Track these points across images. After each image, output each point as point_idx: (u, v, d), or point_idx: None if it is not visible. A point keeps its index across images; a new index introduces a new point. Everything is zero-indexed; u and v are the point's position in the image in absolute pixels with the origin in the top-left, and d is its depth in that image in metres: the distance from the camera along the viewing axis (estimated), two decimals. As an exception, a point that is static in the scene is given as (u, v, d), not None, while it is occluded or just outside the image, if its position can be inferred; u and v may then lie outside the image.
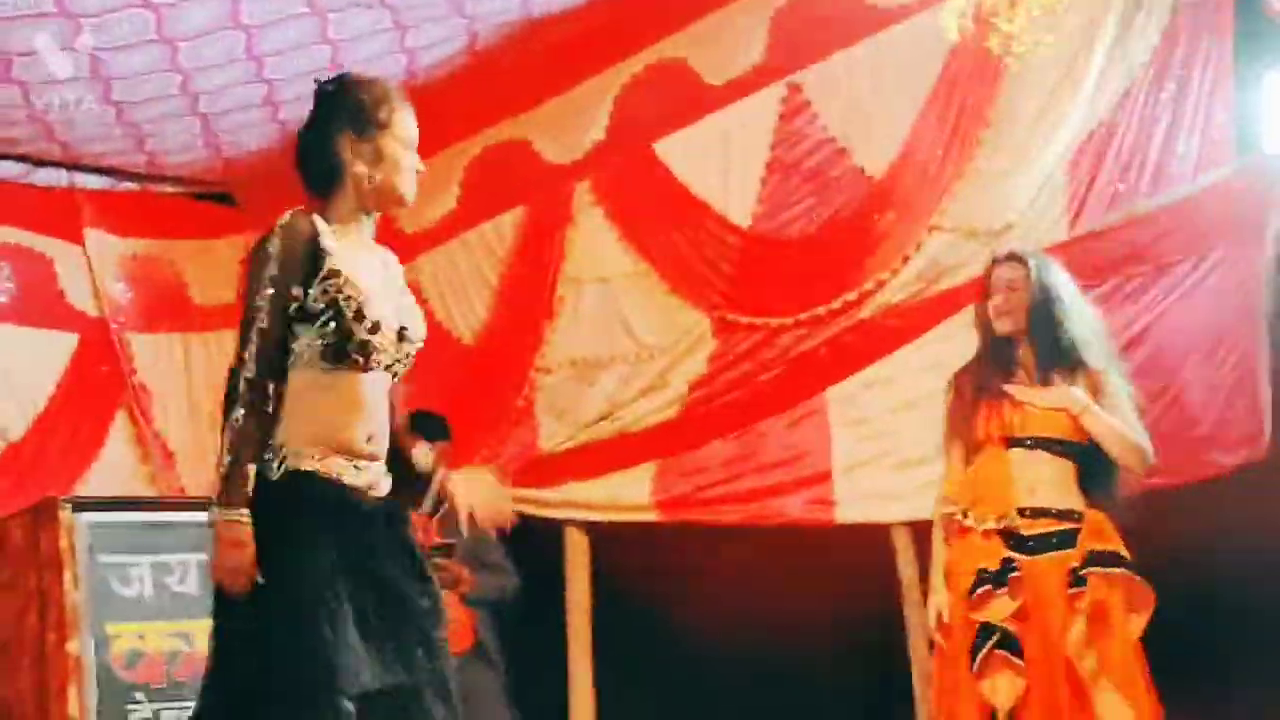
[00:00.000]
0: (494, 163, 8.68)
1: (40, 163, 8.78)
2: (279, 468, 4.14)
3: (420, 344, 4.45)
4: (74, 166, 8.92)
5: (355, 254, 4.30)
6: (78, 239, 9.29)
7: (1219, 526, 6.10)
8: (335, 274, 4.17)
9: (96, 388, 9.25)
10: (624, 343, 8.05)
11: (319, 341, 4.16)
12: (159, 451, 9.33)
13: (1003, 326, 5.84)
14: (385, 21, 7.54)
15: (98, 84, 7.62)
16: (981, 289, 5.93)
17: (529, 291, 8.36)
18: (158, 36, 7.25)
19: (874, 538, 7.07)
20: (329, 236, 4.21)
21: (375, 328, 4.23)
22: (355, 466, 4.24)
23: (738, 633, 7.74)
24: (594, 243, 8.20)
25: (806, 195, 7.42)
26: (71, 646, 7.24)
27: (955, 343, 6.72)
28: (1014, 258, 5.90)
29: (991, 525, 5.63)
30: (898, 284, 7.06)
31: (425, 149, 4.25)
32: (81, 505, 7.53)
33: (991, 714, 5.47)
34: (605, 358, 8.12)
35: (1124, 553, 5.51)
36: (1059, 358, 5.75)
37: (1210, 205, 6.23)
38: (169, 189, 9.44)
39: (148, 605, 7.40)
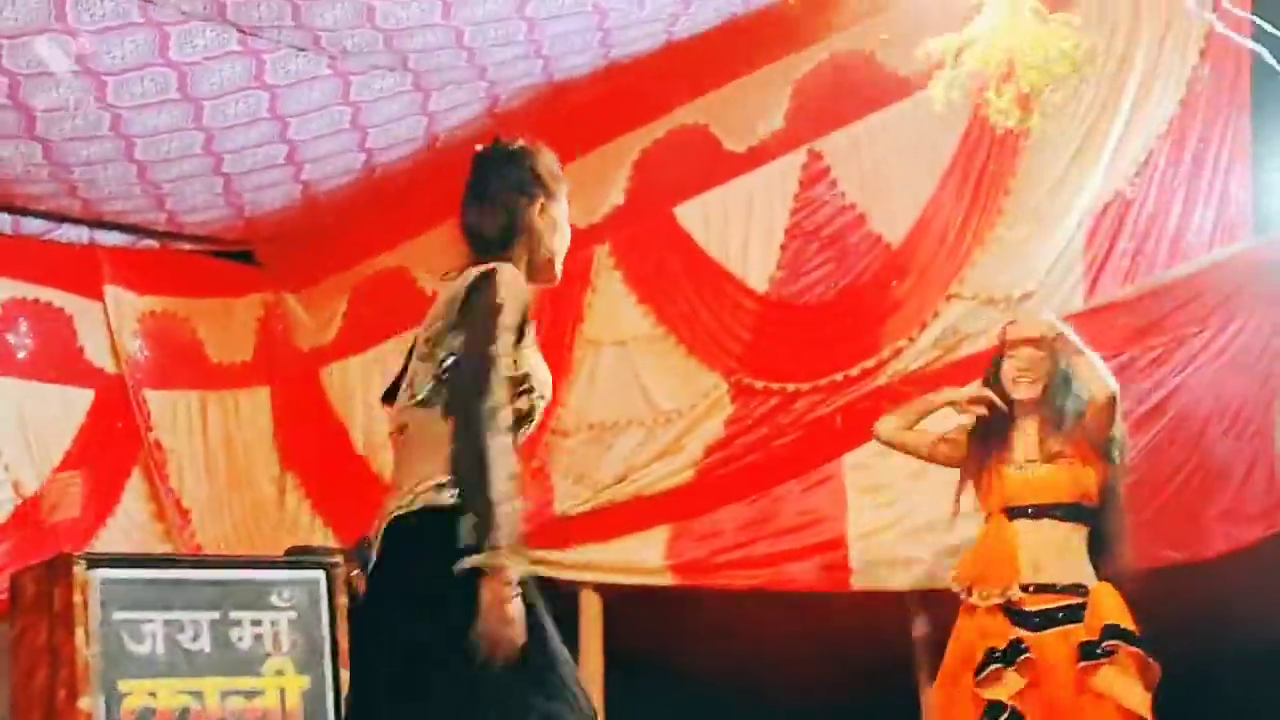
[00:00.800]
0: (514, 225, 8.69)
1: (62, 219, 8.81)
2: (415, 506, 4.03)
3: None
4: (95, 223, 8.95)
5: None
6: (97, 295, 9.33)
7: (1229, 600, 6.10)
8: (532, 343, 4.11)
9: (113, 444, 9.27)
10: (641, 406, 8.06)
11: (509, 407, 4.00)
12: (174, 509, 9.34)
13: (1020, 392, 5.83)
14: (406, 84, 7.57)
15: (120, 141, 7.64)
16: (995, 353, 5.91)
17: (547, 353, 8.30)
18: (180, 95, 7.27)
19: (888, 603, 7.05)
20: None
21: (541, 398, 4.19)
22: None
23: (752, 697, 7.73)
24: (612, 306, 8.23)
25: (825, 261, 7.45)
26: (83, 703, 7.23)
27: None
28: (1035, 322, 5.90)
29: (996, 601, 5.61)
30: (915, 351, 7.07)
31: (445, 210, 4.23)
32: (95, 561, 7.53)
33: None
34: (622, 421, 8.13)
35: (1132, 627, 5.49)
36: (1067, 424, 5.76)
37: (1228, 277, 6.23)
38: (189, 247, 9.47)
39: (160, 663, 7.39)
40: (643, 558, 7.92)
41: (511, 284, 4.06)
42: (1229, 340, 6.21)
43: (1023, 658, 5.47)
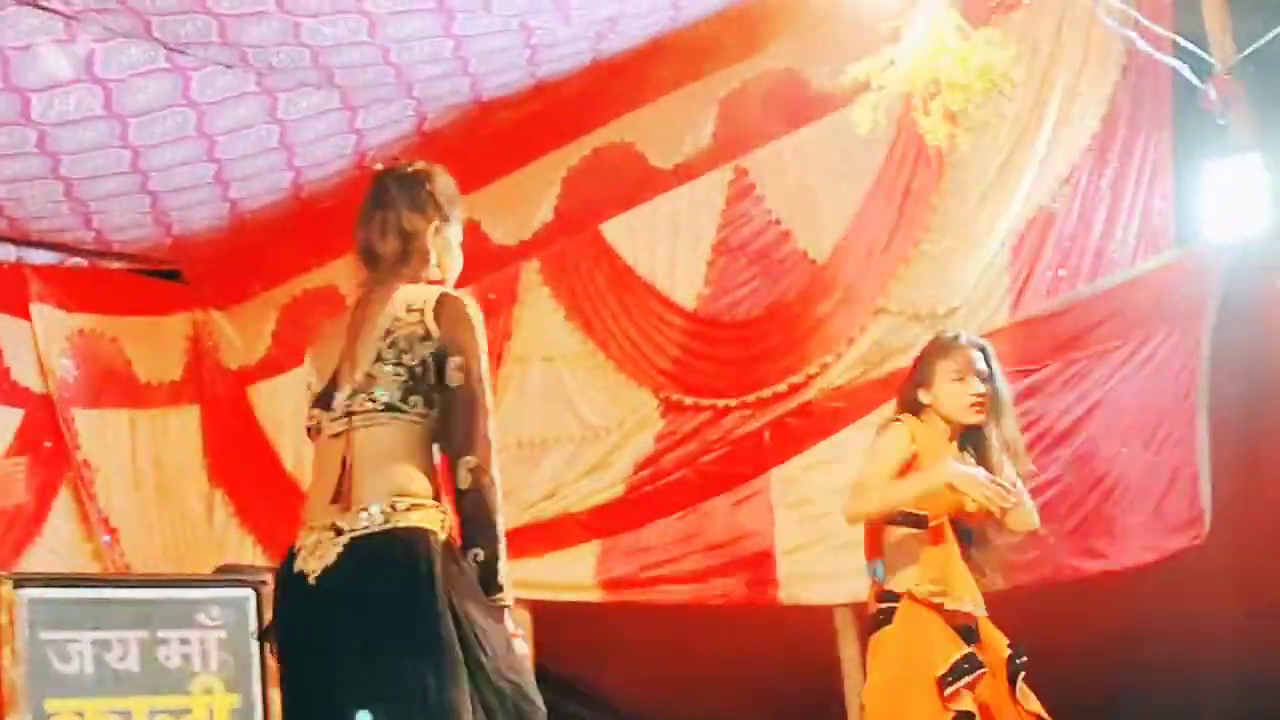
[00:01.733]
0: (442, 243, 8.69)
1: (-12, 238, 8.77)
2: (445, 526, 4.13)
3: None
4: (22, 242, 8.89)
5: None
6: (24, 314, 9.25)
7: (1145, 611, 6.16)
8: None
9: (41, 463, 9.19)
10: (569, 422, 8.06)
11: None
12: (102, 528, 9.28)
13: (974, 418, 5.77)
14: (334, 102, 7.56)
15: (46, 159, 7.60)
16: (916, 373, 5.76)
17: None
18: (106, 112, 7.24)
19: (815, 618, 7.08)
20: None
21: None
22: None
23: (680, 711, 7.75)
24: (541, 322, 8.24)
25: (752, 278, 7.48)
26: (10, 723, 7.20)
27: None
28: (976, 345, 5.84)
29: (969, 609, 5.60)
30: (842, 366, 7.11)
31: (372, 227, 4.32)
32: (22, 581, 7.49)
33: None
34: (550, 437, 8.13)
35: None
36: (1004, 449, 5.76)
37: (1149, 291, 6.31)
38: (117, 265, 9.43)
39: (88, 682, 7.36)
40: (572, 573, 7.93)
41: (479, 312, 4.24)
42: (1150, 353, 6.29)
43: (981, 670, 5.48)
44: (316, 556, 4.07)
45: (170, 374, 9.89)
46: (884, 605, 5.52)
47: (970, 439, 5.64)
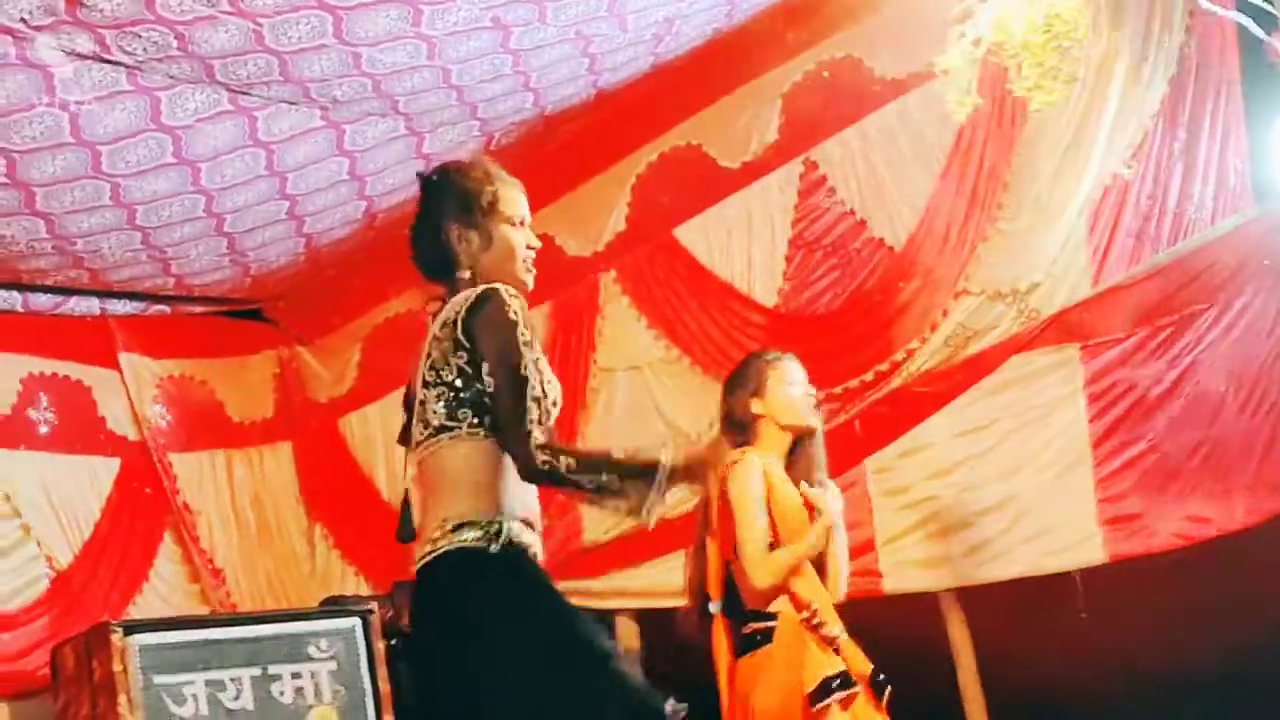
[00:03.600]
0: (519, 260, 8.72)
1: (70, 292, 8.83)
2: (500, 539, 4.06)
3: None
4: (104, 293, 8.97)
5: None
6: (113, 365, 9.34)
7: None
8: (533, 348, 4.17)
9: (141, 511, 9.28)
10: (660, 429, 8.05)
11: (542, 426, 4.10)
12: (207, 569, 9.36)
13: (815, 418, 5.80)
14: (400, 128, 7.59)
15: (121, 210, 7.66)
16: (741, 389, 5.86)
17: (562, 385, 8.35)
18: (176, 159, 7.29)
19: (920, 605, 7.05)
20: None
21: (555, 403, 4.22)
22: (533, 530, 4.22)
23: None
24: (623, 332, 8.25)
25: (830, 270, 7.46)
26: (131, 770, 7.26)
27: (987, 405, 6.76)
28: (788, 355, 5.92)
29: (836, 632, 5.58)
30: (927, 351, 7.07)
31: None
32: (132, 628, 7.56)
33: None
34: (642, 445, 8.11)
35: None
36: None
37: (1232, 251, 6.23)
38: (199, 309, 9.50)
39: (204, 723, 7.41)
40: (673, 581, 7.89)
41: (515, 301, 4.17)
42: (1238, 314, 6.22)
43: (854, 689, 5.46)
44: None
45: (262, 412, 9.97)
46: (761, 625, 5.50)
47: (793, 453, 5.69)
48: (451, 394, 4.15)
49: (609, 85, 7.69)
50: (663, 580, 7.93)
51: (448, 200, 4.39)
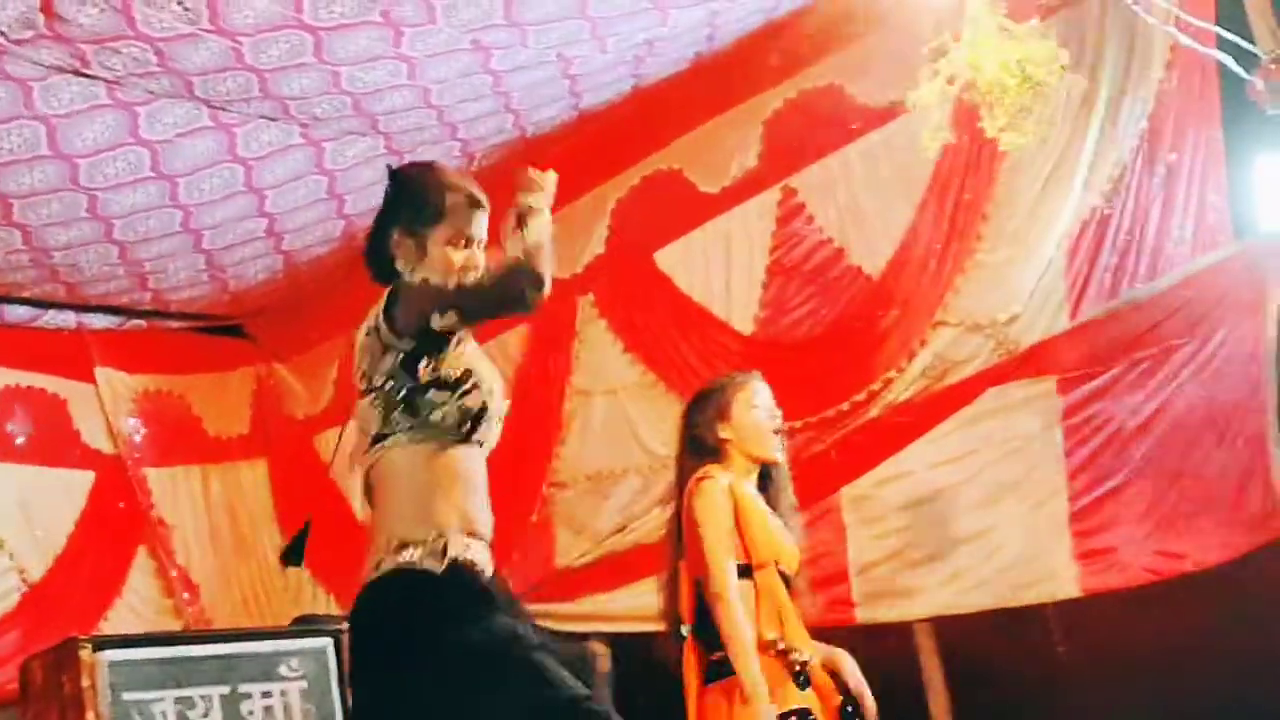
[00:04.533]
0: (495, 279, 8.70)
1: (47, 305, 8.81)
2: (443, 555, 3.97)
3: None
4: (81, 307, 8.95)
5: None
6: (89, 378, 9.33)
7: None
8: (464, 341, 4.14)
9: (116, 525, 9.26)
10: (636, 454, 8.05)
11: (455, 411, 4.06)
12: (182, 584, 9.34)
13: (777, 452, 5.75)
14: (380, 147, 7.58)
15: (99, 223, 7.65)
16: (706, 412, 5.80)
17: (539, 408, 8.37)
18: (155, 174, 7.28)
19: (893, 635, 7.03)
20: None
21: (484, 407, 4.14)
22: (475, 543, 4.10)
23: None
24: (600, 356, 8.24)
25: (808, 298, 7.45)
26: (96, 786, 7.22)
27: (964, 436, 6.75)
28: (756, 378, 5.87)
29: (807, 657, 5.52)
30: (904, 381, 7.06)
31: (424, 272, 4.24)
32: (102, 644, 7.52)
33: None
34: (618, 470, 8.13)
35: None
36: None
37: (1210, 286, 6.23)
38: (177, 324, 9.48)
39: (171, 741, 7.38)
40: (648, 605, 7.88)
41: (408, 289, 4.11)
42: (1216, 349, 6.21)
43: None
44: None
45: (238, 428, 9.96)
46: (723, 654, 5.42)
47: (762, 479, 5.66)
48: (383, 398, 4.06)
49: (590, 107, 7.70)
50: (636, 605, 7.90)
51: (398, 202, 4.32)
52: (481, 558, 4.08)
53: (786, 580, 5.61)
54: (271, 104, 6.93)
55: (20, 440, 9.00)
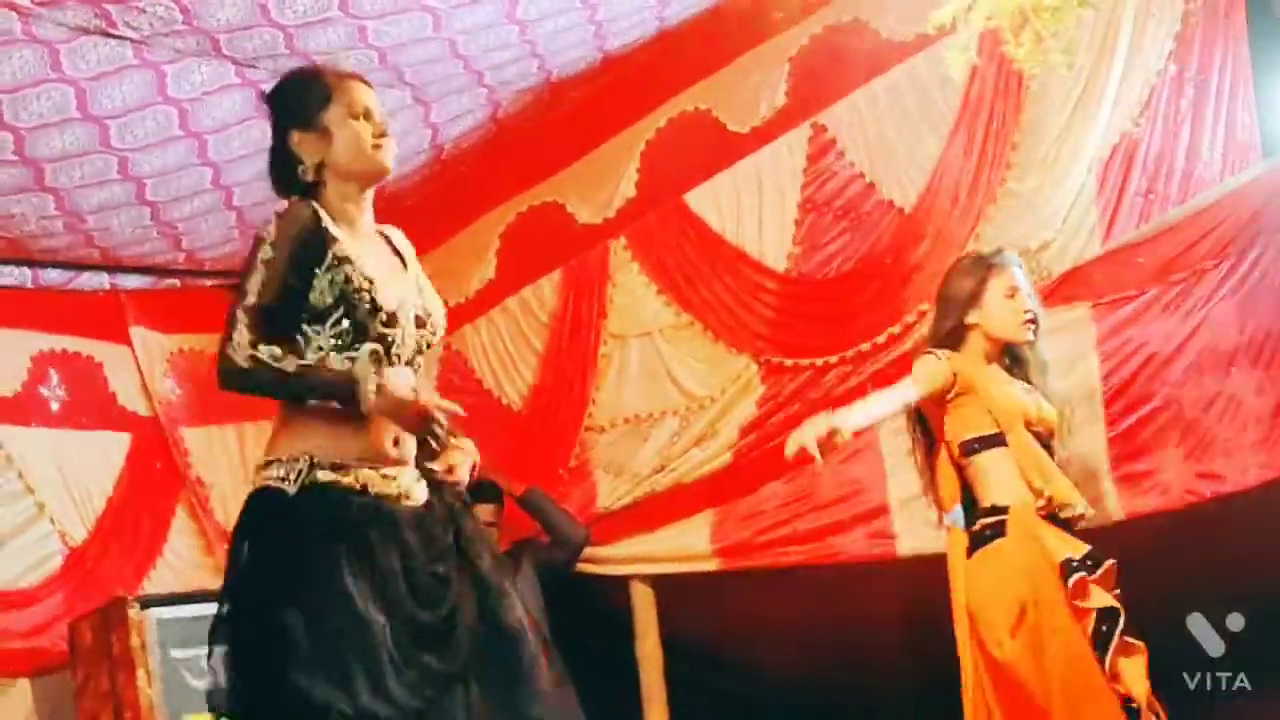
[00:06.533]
0: (528, 228, 8.73)
1: (81, 268, 8.82)
2: (297, 480, 4.01)
3: (441, 331, 4.35)
4: (114, 269, 8.96)
5: (359, 242, 4.23)
6: (124, 340, 9.34)
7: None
8: (342, 262, 4.08)
9: (154, 485, 9.28)
10: (673, 395, 8.07)
11: (333, 340, 4.07)
12: (221, 543, 9.36)
13: (1028, 335, 5.81)
14: (407, 99, 7.57)
15: (130, 184, 7.66)
16: (959, 294, 5.88)
17: (574, 352, 8.39)
18: (184, 132, 7.29)
19: (934, 568, 7.05)
20: (332, 225, 4.15)
21: (391, 320, 4.13)
22: (383, 475, 4.11)
23: (807, 674, 7.73)
24: (634, 299, 8.25)
25: (841, 233, 7.44)
26: (152, 744, 7.29)
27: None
28: (1016, 261, 5.89)
29: (1081, 510, 5.56)
30: (938, 313, 7.07)
31: (459, 220, 4.21)
32: (149, 602, 7.58)
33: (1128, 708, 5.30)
34: (656, 412, 8.15)
35: None
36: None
37: (1241, 207, 6.23)
38: (210, 283, 9.49)
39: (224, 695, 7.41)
40: (689, 544, 7.94)
41: (278, 220, 4.15)
42: (1249, 270, 6.21)
43: (1108, 562, 5.44)
44: None
45: (273, 385, 9.94)
46: (992, 520, 5.47)
47: (1009, 359, 5.68)
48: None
49: (615, 50, 7.67)
50: (680, 545, 7.97)
51: (284, 110, 4.36)
52: (357, 486, 4.08)
53: (1046, 445, 5.68)
54: (299, 60, 6.90)
55: (56, 405, 9.01)
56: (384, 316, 4.13)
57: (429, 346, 4.32)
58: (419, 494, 4.20)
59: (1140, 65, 6.51)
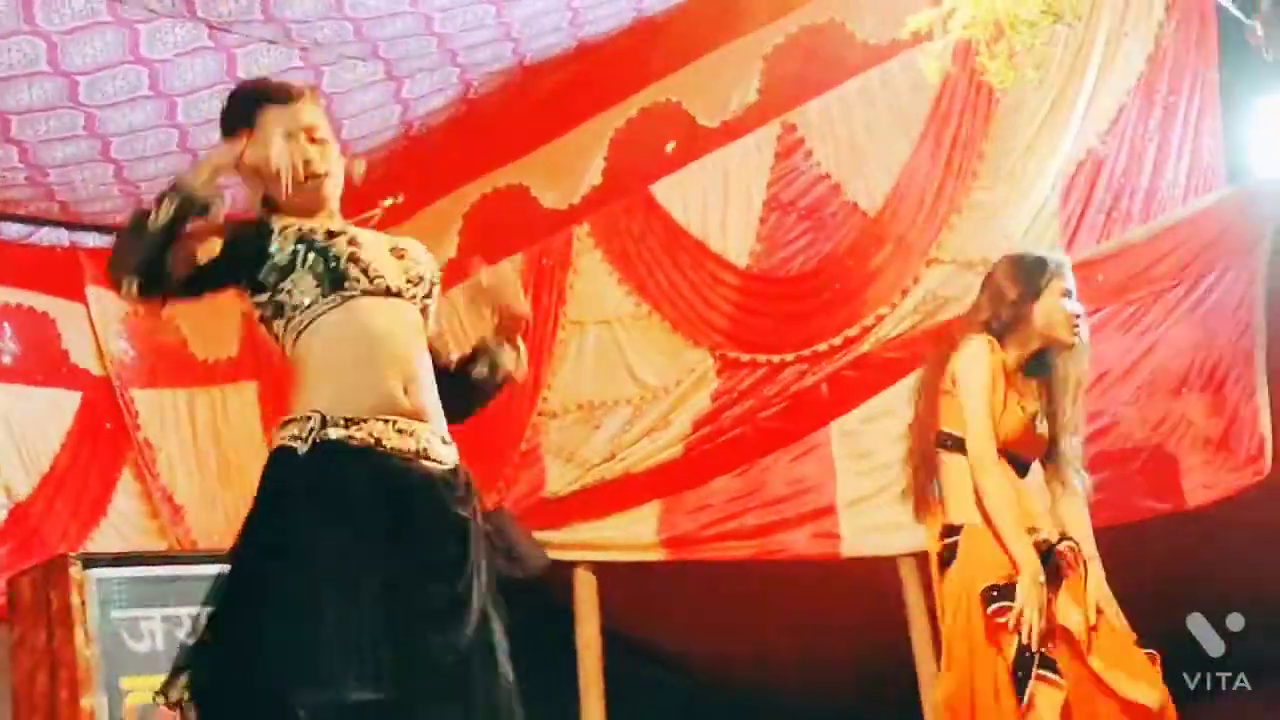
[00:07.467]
0: (493, 209, 8.72)
1: (41, 222, 8.79)
2: (308, 438, 3.80)
3: (431, 271, 4.14)
4: (75, 226, 8.93)
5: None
6: (80, 298, 9.30)
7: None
8: (287, 228, 3.97)
9: (102, 445, 9.24)
10: (627, 384, 8.08)
11: (311, 279, 3.91)
12: (166, 505, 9.33)
13: (1074, 336, 5.46)
14: (379, 73, 7.57)
15: (95, 141, 7.63)
16: (1020, 287, 5.49)
17: (531, 336, 8.37)
18: (153, 93, 7.26)
19: (880, 569, 7.09)
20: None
21: (354, 240, 3.99)
22: (398, 429, 3.88)
23: (748, 668, 7.76)
24: (594, 286, 8.25)
25: (804, 233, 7.47)
26: (85, 703, 7.26)
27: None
28: (1069, 263, 5.64)
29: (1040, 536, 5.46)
30: (896, 317, 7.10)
31: (424, 197, 4.19)
32: (91, 561, 7.55)
33: None
34: (609, 400, 8.15)
35: None
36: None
37: (1202, 229, 6.28)
38: (170, 245, 9.44)
39: (161, 659, 7.40)
40: (635, 533, 7.96)
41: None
42: (1206, 292, 6.27)
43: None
44: None
45: (227, 351, 9.91)
46: (947, 541, 5.41)
47: (1037, 368, 5.57)
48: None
49: (590, 37, 7.69)
50: (626, 533, 7.98)
51: (222, 129, 4.29)
52: (371, 441, 3.87)
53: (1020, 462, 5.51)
54: (273, 27, 6.91)
55: (7, 359, 8.97)
56: (348, 237, 4.01)
57: (422, 284, 4.10)
58: (442, 454, 3.99)
59: (1111, 84, 6.56)
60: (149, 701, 7.31)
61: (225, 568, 3.85)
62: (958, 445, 5.32)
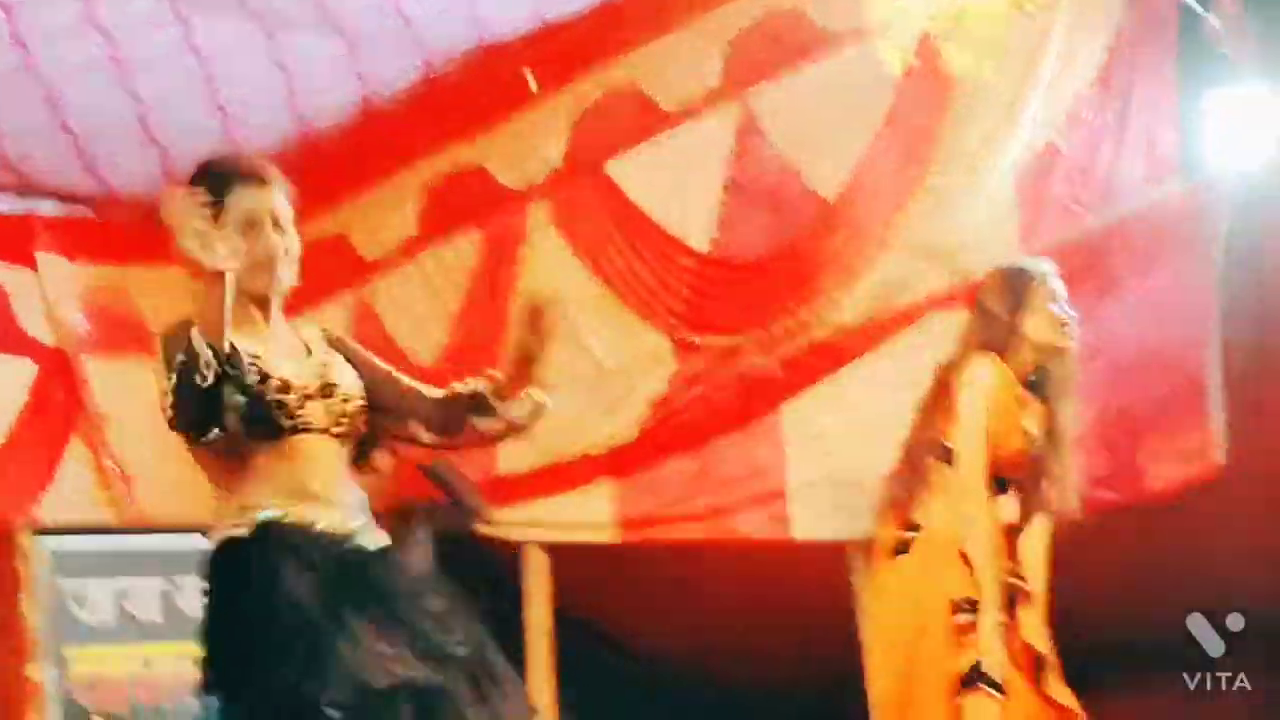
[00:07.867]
0: (450, 187, 8.69)
1: (-6, 189, 8.76)
2: (247, 526, 3.91)
3: (360, 401, 4.16)
4: (29, 194, 8.88)
5: (250, 337, 4.00)
6: (32, 265, 9.24)
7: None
8: (217, 356, 3.78)
9: (52, 414, 9.18)
10: (582, 364, 8.05)
11: (236, 419, 3.89)
12: (117, 477, 9.28)
13: (1066, 339, 5.71)
14: (340, 48, 7.55)
15: (52, 110, 7.59)
16: (1008, 300, 5.76)
17: (487, 314, 8.37)
18: (112, 63, 7.22)
19: (831, 554, 7.11)
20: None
21: (285, 386, 3.98)
22: (322, 511, 3.99)
23: (698, 650, 7.77)
24: (551, 265, 8.21)
25: (761, 217, 7.46)
26: (31, 670, 7.26)
27: (907, 360, 6.79)
28: (1054, 272, 5.79)
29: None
30: (851, 302, 7.11)
31: (381, 172, 4.18)
32: (40, 530, 7.54)
33: None
34: (564, 378, 8.10)
35: None
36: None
37: (1158, 222, 6.32)
38: (125, 215, 9.41)
39: (108, 630, 7.41)
40: (589, 514, 7.96)
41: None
42: (1160, 285, 6.29)
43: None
44: None
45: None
46: (906, 534, 5.46)
47: (1038, 382, 5.63)
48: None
49: (555, 17, 7.68)
50: (579, 514, 7.98)
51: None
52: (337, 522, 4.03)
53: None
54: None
55: (-43, 328, 8.93)
56: (276, 382, 3.98)
57: (350, 420, 4.15)
58: (369, 540, 4.11)
59: (1070, 75, 6.58)
60: (95, 671, 7.31)
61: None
62: (946, 455, 5.44)
